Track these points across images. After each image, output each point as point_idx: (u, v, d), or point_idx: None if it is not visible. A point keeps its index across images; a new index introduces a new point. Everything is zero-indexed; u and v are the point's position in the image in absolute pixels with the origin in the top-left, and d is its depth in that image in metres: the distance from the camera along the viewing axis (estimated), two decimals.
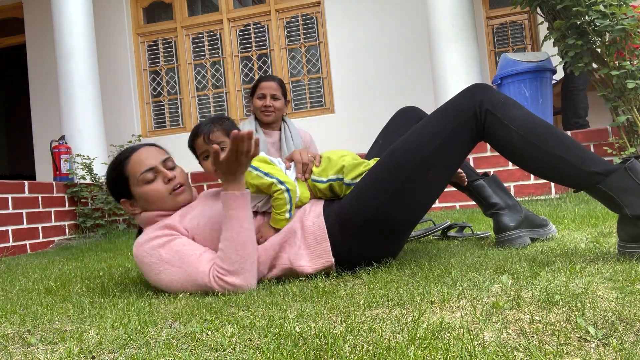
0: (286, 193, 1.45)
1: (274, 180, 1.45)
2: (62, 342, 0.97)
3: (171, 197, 1.47)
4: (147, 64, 6.08)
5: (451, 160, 1.46)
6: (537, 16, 4.16)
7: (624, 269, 1.18)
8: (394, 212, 1.43)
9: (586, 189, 1.33)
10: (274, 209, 1.46)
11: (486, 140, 1.43)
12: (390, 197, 1.42)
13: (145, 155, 1.47)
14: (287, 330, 0.91)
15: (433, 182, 1.46)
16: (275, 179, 1.45)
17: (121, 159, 1.48)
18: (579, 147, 1.34)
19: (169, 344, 0.89)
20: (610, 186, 1.27)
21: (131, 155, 1.47)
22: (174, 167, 1.52)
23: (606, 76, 3.10)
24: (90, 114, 4.48)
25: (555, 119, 4.57)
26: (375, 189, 1.43)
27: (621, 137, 3.14)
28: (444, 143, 1.40)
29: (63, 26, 4.48)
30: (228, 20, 5.88)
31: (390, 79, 5.40)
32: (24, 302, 1.41)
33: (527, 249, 1.64)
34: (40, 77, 6.09)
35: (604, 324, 0.82)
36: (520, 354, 0.73)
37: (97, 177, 4.10)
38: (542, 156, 1.35)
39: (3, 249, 3.23)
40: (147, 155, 1.47)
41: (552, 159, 1.34)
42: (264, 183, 1.45)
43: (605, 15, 2.91)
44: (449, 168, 1.47)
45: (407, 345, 0.78)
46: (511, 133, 1.36)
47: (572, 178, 1.34)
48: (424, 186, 1.45)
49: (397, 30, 5.42)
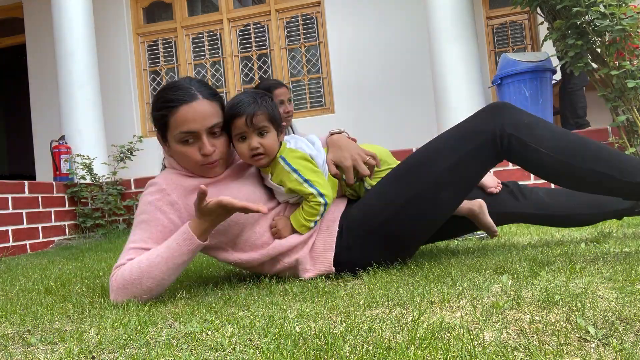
0: (323, 207, 1.38)
1: (314, 191, 1.36)
2: (62, 342, 0.97)
3: (201, 168, 1.38)
4: (147, 64, 6.08)
5: (465, 182, 1.41)
6: (537, 16, 4.16)
7: (624, 269, 1.18)
8: (399, 227, 1.40)
9: (637, 199, 1.30)
10: (304, 214, 1.39)
11: (513, 162, 1.37)
12: (396, 213, 1.39)
13: (194, 115, 1.31)
14: (287, 330, 0.91)
15: (444, 203, 1.42)
16: (316, 191, 1.36)
17: (172, 100, 1.32)
18: (618, 157, 1.27)
19: (169, 344, 0.89)
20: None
21: (182, 106, 1.31)
22: (220, 135, 1.38)
23: (606, 76, 3.10)
24: (90, 114, 4.48)
25: (555, 119, 4.57)
26: (383, 202, 1.40)
27: (621, 137, 3.14)
28: (459, 165, 1.35)
29: (63, 26, 4.48)
30: (228, 20, 5.88)
31: (390, 78, 5.40)
32: (24, 302, 1.41)
33: (527, 249, 1.64)
34: (40, 77, 6.09)
35: (604, 324, 0.82)
36: (520, 354, 0.73)
37: (97, 177, 4.10)
38: (581, 175, 1.27)
39: (3, 249, 3.23)
40: (195, 117, 1.31)
41: (592, 176, 1.27)
42: (302, 190, 1.37)
43: (604, 15, 2.91)
44: (463, 190, 1.42)
45: (407, 345, 0.78)
46: (541, 155, 1.29)
47: (619, 191, 1.29)
48: (433, 206, 1.40)
49: (397, 30, 5.42)
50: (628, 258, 1.32)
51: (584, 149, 1.28)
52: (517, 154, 1.33)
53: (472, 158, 1.35)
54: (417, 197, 1.37)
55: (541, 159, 1.29)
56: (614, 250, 1.44)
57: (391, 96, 5.33)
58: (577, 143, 1.29)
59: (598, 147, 1.30)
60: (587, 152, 1.28)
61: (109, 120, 5.11)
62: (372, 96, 5.41)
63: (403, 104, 5.32)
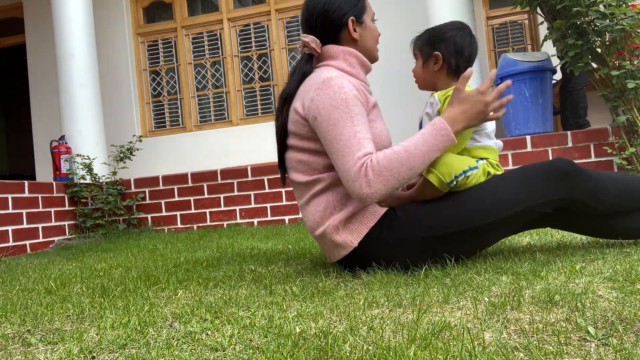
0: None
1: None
2: (62, 342, 0.97)
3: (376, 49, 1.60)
4: (147, 64, 6.08)
5: (515, 227, 1.47)
6: (537, 16, 4.16)
7: (624, 269, 1.18)
8: (435, 250, 1.41)
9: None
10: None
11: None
12: (438, 238, 1.39)
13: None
14: (287, 330, 0.91)
15: (488, 240, 1.47)
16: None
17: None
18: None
19: (169, 344, 0.89)
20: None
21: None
22: None
23: (606, 76, 3.10)
24: (90, 114, 4.47)
25: (555, 119, 4.57)
26: (432, 220, 1.40)
27: (621, 137, 3.14)
28: (517, 215, 1.39)
29: (63, 26, 4.48)
30: (228, 20, 5.88)
31: (390, 78, 5.39)
32: (24, 302, 1.41)
33: (527, 249, 1.64)
34: (40, 77, 6.08)
35: (604, 324, 0.82)
36: (520, 353, 0.73)
37: (97, 177, 4.10)
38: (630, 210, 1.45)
39: (3, 249, 3.23)
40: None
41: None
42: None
43: (604, 15, 2.91)
44: (509, 231, 1.48)
45: (407, 345, 0.78)
46: (598, 210, 1.41)
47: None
48: (477, 241, 1.44)
49: (397, 30, 5.42)
50: (628, 258, 1.32)
51: (634, 193, 1.44)
52: (578, 210, 1.43)
53: (535, 212, 1.40)
54: (466, 233, 1.39)
55: (597, 209, 1.42)
56: (614, 250, 1.44)
57: (390, 96, 5.33)
58: (631, 192, 1.44)
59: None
60: (635, 194, 1.44)
61: (109, 120, 5.11)
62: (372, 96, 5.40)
63: (403, 104, 5.32)
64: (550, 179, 1.38)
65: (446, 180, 1.37)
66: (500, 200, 1.38)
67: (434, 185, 1.39)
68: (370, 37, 1.57)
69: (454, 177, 1.37)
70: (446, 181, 1.37)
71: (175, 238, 3.31)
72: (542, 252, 1.53)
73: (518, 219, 1.41)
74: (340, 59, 1.50)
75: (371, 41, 1.58)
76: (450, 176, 1.37)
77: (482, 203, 1.39)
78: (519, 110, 3.82)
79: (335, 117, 1.35)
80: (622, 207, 1.43)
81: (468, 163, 1.41)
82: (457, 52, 1.52)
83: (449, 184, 1.38)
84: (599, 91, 3.20)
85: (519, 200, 1.38)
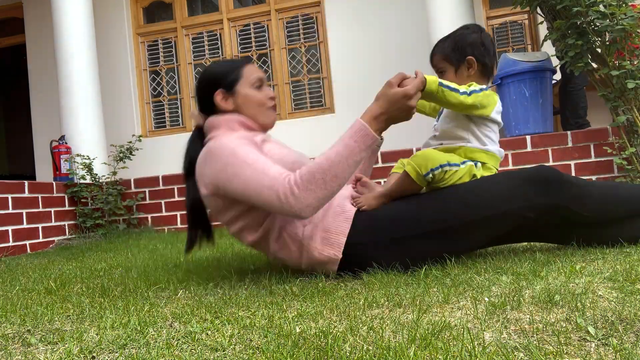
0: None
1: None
2: (62, 342, 0.97)
3: (267, 112, 1.56)
4: (147, 64, 6.08)
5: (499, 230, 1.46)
6: (537, 16, 4.16)
7: (624, 269, 1.19)
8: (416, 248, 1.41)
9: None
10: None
11: None
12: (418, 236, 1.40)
13: (257, 70, 1.61)
14: (287, 330, 0.91)
15: (470, 241, 1.46)
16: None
17: (239, 62, 1.60)
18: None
19: (169, 344, 0.89)
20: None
21: (248, 64, 1.60)
22: None
23: (606, 76, 3.10)
24: (90, 114, 4.47)
25: (555, 119, 4.57)
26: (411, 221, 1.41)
27: (621, 137, 3.14)
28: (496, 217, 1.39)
29: (63, 26, 4.48)
30: (228, 20, 5.88)
31: None
32: (24, 302, 1.41)
33: (527, 249, 1.65)
34: (40, 77, 6.08)
35: (604, 324, 0.82)
36: (520, 353, 0.73)
37: (97, 177, 4.10)
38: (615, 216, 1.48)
39: (3, 249, 3.23)
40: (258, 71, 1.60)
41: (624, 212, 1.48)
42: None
43: (604, 15, 2.91)
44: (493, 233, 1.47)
45: (407, 345, 0.78)
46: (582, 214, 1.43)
47: None
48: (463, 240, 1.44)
49: (397, 30, 5.42)
50: (628, 258, 1.32)
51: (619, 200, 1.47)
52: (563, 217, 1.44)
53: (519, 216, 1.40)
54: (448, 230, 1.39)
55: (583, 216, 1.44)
56: (614, 250, 1.44)
57: None
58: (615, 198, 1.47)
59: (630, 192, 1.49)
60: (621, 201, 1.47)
61: (109, 120, 5.10)
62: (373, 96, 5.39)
63: None
64: (532, 182, 1.39)
65: (422, 172, 1.38)
66: (478, 200, 1.39)
67: (411, 179, 1.40)
68: (249, 105, 1.55)
69: (429, 170, 1.38)
70: (422, 173, 1.38)
71: (175, 238, 3.31)
72: (542, 252, 1.53)
73: (498, 222, 1.40)
74: (222, 128, 1.52)
75: (253, 109, 1.55)
76: (426, 168, 1.38)
77: (458, 202, 1.39)
78: (519, 110, 3.82)
79: (233, 172, 1.35)
80: (608, 213, 1.44)
81: (448, 159, 1.42)
82: (487, 51, 1.55)
83: (425, 177, 1.39)
84: (599, 91, 3.20)
85: (497, 201, 1.38)
